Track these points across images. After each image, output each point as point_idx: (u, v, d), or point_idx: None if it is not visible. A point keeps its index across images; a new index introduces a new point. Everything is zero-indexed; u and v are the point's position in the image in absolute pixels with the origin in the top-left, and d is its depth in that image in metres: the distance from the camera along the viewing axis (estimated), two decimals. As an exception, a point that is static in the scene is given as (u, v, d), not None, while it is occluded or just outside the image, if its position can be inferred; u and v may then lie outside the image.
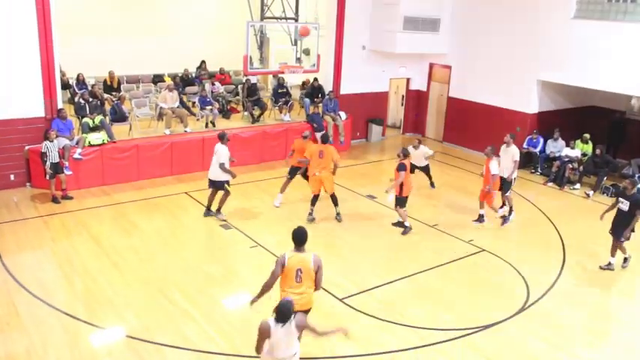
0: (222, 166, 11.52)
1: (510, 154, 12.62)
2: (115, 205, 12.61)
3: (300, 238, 6.63)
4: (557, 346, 8.26)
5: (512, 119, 17.45)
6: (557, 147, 16.60)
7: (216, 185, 11.83)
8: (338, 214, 12.35)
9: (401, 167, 11.39)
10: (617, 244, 10.65)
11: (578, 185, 15.65)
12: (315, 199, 12.23)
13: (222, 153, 11.56)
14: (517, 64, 17.12)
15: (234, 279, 9.72)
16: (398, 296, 9.40)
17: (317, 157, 11.98)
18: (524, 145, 17.05)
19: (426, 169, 14.68)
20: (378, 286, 9.63)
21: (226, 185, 11.81)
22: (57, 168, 12.49)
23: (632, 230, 10.46)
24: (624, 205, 10.38)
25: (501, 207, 12.89)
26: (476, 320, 8.79)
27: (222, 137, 11.72)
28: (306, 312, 6.63)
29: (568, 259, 11.14)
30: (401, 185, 11.45)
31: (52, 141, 12.37)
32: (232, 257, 10.55)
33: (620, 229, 10.50)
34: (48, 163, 12.35)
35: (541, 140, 16.88)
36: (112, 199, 12.96)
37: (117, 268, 9.82)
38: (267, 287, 6.66)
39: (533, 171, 16.92)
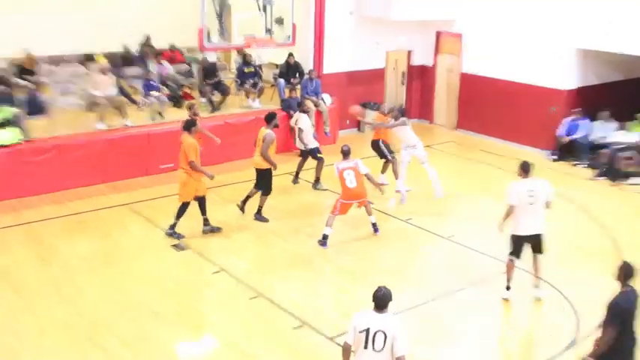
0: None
1: None
2: (27, 224, 12.39)
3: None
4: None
5: (545, 98, 17.35)
6: (606, 131, 16.51)
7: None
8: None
9: None
10: None
11: (637, 179, 15.45)
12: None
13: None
14: (549, 30, 17.08)
15: (190, 317, 9.59)
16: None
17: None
18: (561, 132, 16.98)
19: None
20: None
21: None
22: None
23: None
24: None
25: None
26: (511, 363, 8.60)
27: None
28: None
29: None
30: None
31: None
32: (188, 288, 10.42)
33: None
34: None
35: (585, 123, 16.78)
36: (22, 216, 12.75)
37: (29, 310, 9.54)
38: None
39: (576, 163, 16.72)
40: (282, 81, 17.82)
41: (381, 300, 6.21)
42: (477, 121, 19.25)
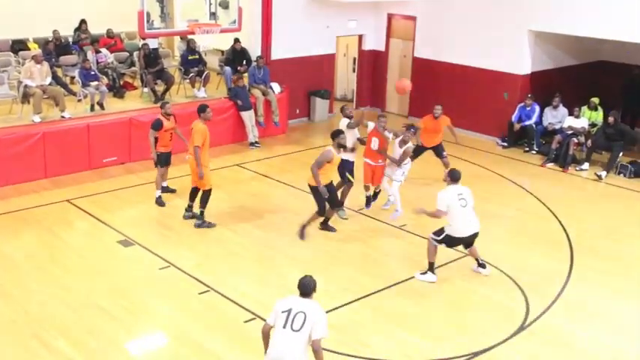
0: None
1: None
2: (-36, 223, 12.28)
3: None
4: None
5: (498, 83, 17.83)
6: (557, 117, 17.03)
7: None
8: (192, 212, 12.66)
9: None
10: None
11: (586, 165, 16.02)
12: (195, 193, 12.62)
13: None
14: (502, 12, 17.45)
15: (139, 314, 9.63)
16: (358, 321, 9.49)
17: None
18: (514, 118, 17.41)
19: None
20: (331, 310, 9.61)
21: None
22: None
23: None
24: None
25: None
26: (462, 347, 8.92)
27: None
28: None
29: (577, 262, 11.44)
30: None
31: None
32: (136, 284, 10.41)
33: None
34: None
35: (537, 109, 17.25)
36: (-41, 215, 12.64)
37: (-29, 310, 9.56)
38: None
39: (527, 149, 17.32)
40: (228, 69, 17.82)
41: (305, 286, 6.91)
42: (429, 109, 19.39)
